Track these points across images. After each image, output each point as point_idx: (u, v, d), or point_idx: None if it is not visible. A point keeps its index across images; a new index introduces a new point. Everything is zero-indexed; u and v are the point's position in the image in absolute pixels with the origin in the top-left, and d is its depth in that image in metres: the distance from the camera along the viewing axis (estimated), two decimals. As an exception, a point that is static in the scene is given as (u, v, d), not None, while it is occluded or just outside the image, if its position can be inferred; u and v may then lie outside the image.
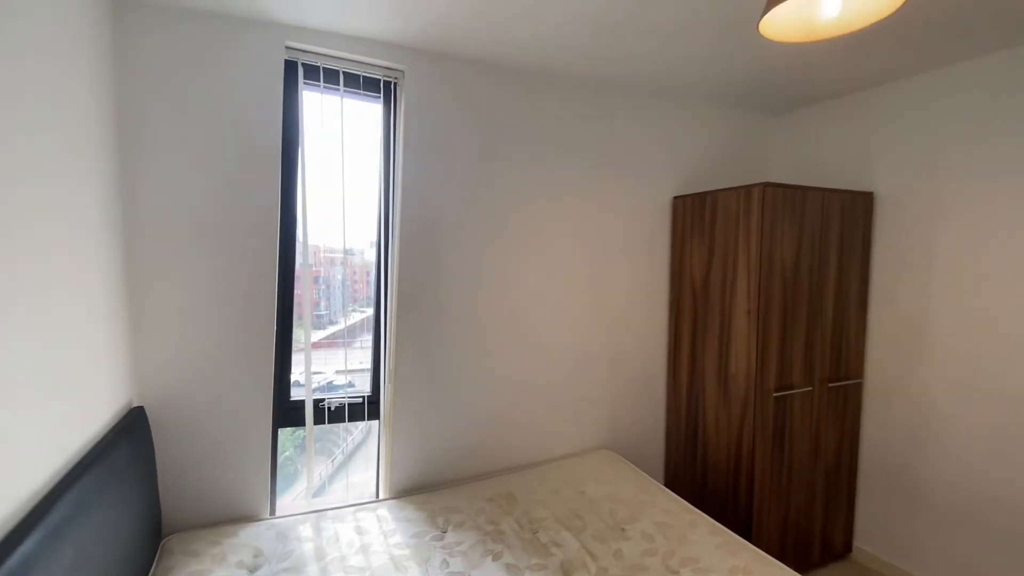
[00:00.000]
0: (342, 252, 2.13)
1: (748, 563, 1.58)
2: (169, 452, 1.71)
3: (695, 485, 2.49)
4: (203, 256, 1.72)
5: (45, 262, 1.13)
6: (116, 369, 1.52)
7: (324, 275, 2.22)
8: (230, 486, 1.82)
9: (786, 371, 2.22)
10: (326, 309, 2.26)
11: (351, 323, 2.18)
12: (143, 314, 1.66)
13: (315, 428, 2.04)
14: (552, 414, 2.39)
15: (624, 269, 2.52)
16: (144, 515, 1.52)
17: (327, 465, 2.33)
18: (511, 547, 1.69)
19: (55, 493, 1.06)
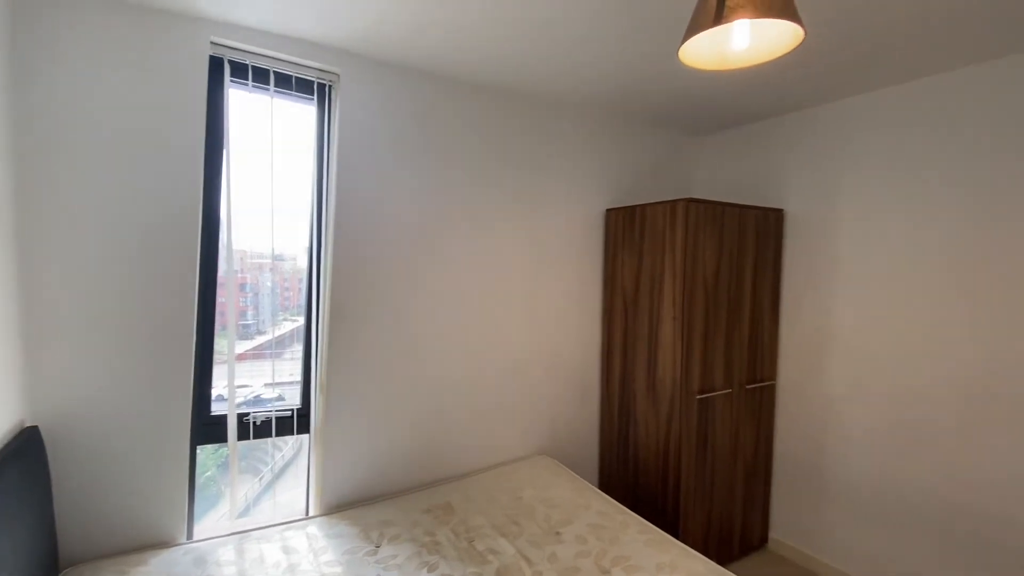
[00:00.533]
0: (271, 258, 2.05)
1: (674, 559, 1.66)
2: (68, 476, 1.55)
3: (627, 486, 2.58)
4: (113, 261, 1.59)
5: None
6: (4, 385, 1.37)
7: (252, 282, 2.12)
8: (141, 510, 1.68)
9: (708, 374, 2.37)
10: (254, 318, 2.16)
11: (281, 333, 2.10)
12: (40, 324, 1.50)
13: (240, 444, 1.93)
14: (490, 422, 2.41)
15: (560, 278, 2.59)
16: (36, 547, 1.36)
17: (254, 484, 2.21)
18: (447, 557, 1.68)
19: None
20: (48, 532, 1.46)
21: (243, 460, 2.17)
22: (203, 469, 2.06)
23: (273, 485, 2.21)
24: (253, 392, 2.10)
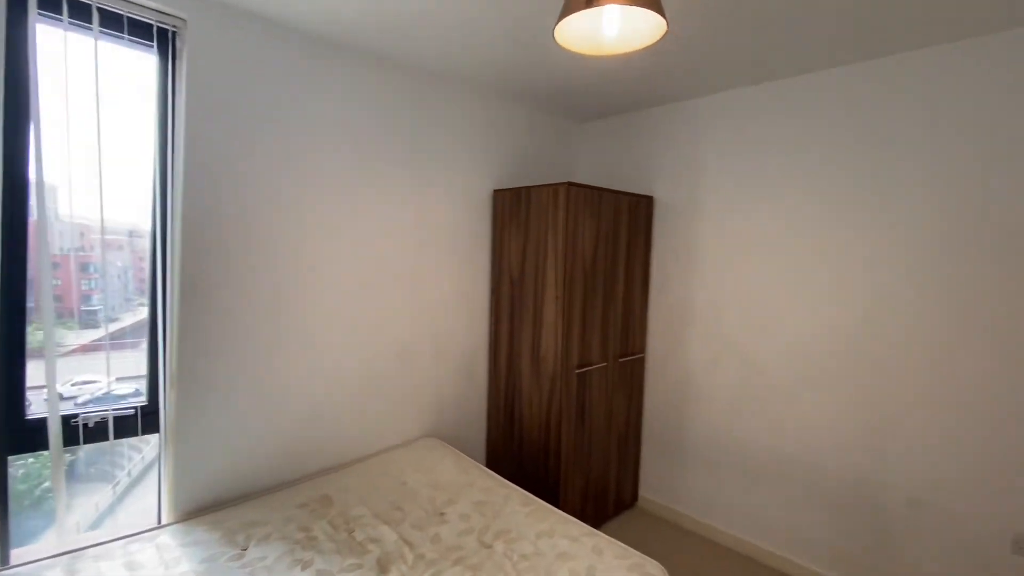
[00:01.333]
0: (127, 234, 1.75)
1: (552, 526, 1.75)
2: None
3: (513, 462, 2.67)
4: None
5: None
6: None
7: (98, 261, 1.80)
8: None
9: (586, 350, 2.51)
10: (101, 303, 1.84)
11: (138, 320, 1.81)
12: None
13: (88, 448, 1.65)
14: (373, 407, 2.32)
15: (447, 258, 2.56)
16: None
17: (107, 493, 1.90)
18: (323, 552, 1.59)
19: None
20: None
21: (92, 466, 1.86)
22: (35, 481, 1.74)
23: (131, 493, 1.92)
24: (101, 388, 1.80)
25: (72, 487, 1.87)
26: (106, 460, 1.92)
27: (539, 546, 1.64)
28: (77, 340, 1.78)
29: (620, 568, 1.53)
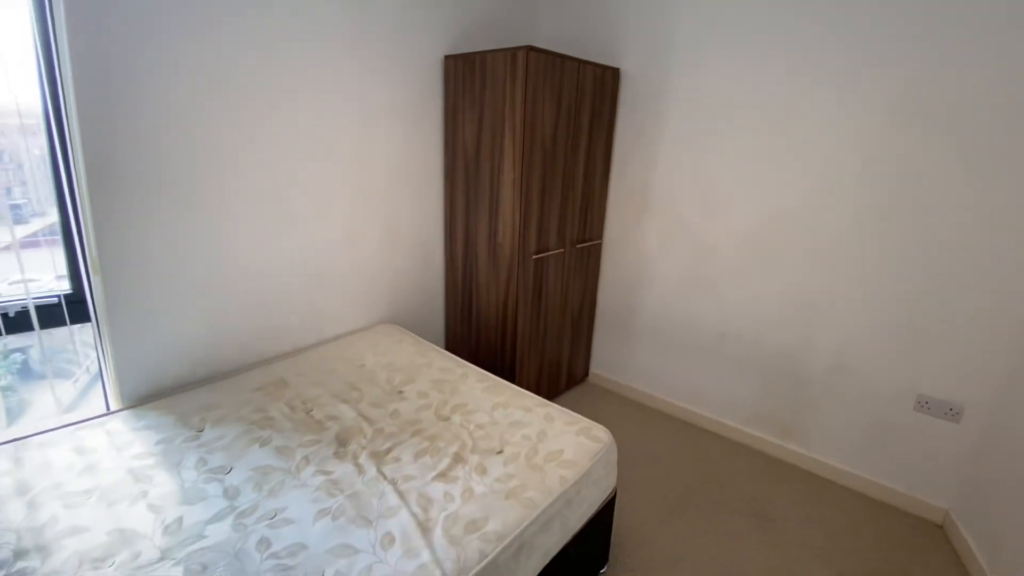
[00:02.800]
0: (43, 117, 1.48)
1: (508, 399, 1.83)
2: None
3: (471, 345, 2.73)
4: None
5: None
6: None
7: (10, 149, 1.55)
8: None
9: (544, 236, 2.47)
10: (24, 196, 1.63)
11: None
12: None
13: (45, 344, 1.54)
14: (325, 294, 2.26)
15: (394, 138, 2.35)
16: None
17: (68, 388, 1.83)
18: (282, 430, 1.62)
19: None
20: None
21: (46, 364, 1.76)
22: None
23: (93, 389, 1.86)
24: (42, 287, 1.65)
25: (29, 385, 1.80)
26: (61, 358, 1.83)
27: (494, 416, 1.73)
28: (7, 237, 1.58)
29: (569, 432, 1.64)
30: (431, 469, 1.46)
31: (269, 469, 1.44)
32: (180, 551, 1.16)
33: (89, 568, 1.10)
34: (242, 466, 1.45)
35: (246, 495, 1.34)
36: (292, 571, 1.11)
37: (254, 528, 1.23)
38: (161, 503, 1.30)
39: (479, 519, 1.28)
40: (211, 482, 1.38)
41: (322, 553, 1.16)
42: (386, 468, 1.47)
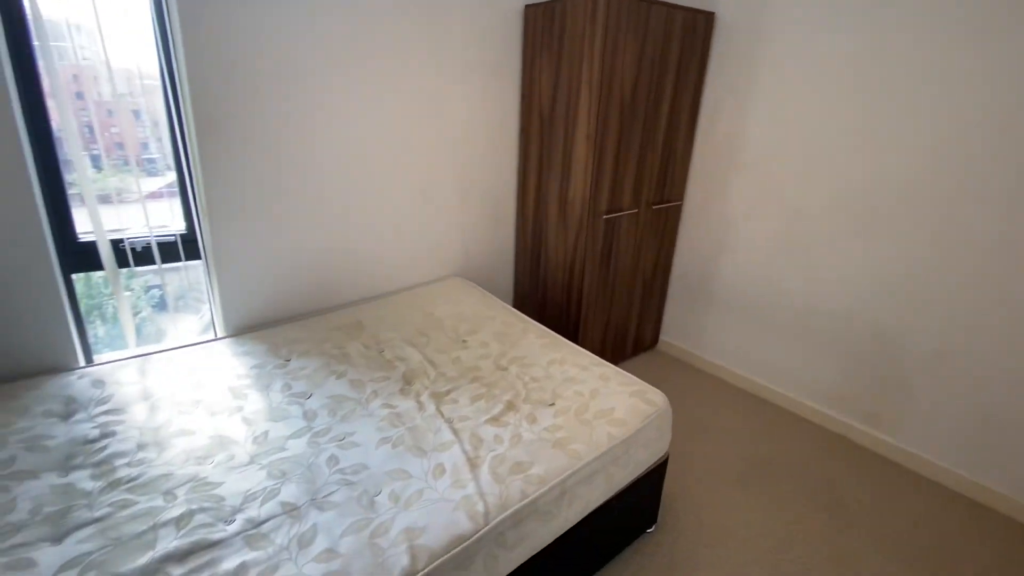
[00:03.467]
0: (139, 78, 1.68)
1: (565, 355, 1.85)
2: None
3: (537, 303, 2.76)
4: None
5: None
6: None
7: (149, 108, 1.78)
8: (21, 339, 1.59)
9: (617, 196, 2.39)
10: (159, 151, 1.87)
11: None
12: None
13: (178, 280, 1.82)
14: (402, 246, 2.38)
15: (472, 92, 2.36)
16: None
17: (195, 320, 2.14)
18: (356, 365, 1.78)
19: None
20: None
21: (180, 299, 2.06)
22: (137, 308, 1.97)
23: (182, 312, 2.15)
24: (170, 231, 1.91)
25: (161, 317, 2.10)
26: (192, 295, 2.11)
27: (550, 371, 1.76)
28: (145, 188, 1.84)
29: (623, 393, 1.63)
30: (485, 413, 1.54)
31: (343, 398, 1.60)
32: (265, 458, 1.34)
33: (193, 464, 1.31)
34: (320, 394, 1.62)
35: (321, 418, 1.50)
36: (354, 486, 1.24)
37: (326, 447, 1.38)
38: (252, 417, 1.49)
39: (524, 462, 1.33)
40: (293, 404, 1.56)
41: (381, 474, 1.28)
42: (444, 408, 1.56)
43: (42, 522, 1.11)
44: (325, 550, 1.07)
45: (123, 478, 1.25)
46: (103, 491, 1.20)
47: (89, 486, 1.22)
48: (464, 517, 1.16)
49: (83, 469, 1.27)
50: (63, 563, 1.01)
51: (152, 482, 1.24)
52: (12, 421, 1.38)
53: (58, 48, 1.56)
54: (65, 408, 1.47)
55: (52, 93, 1.55)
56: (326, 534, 1.11)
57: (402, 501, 1.20)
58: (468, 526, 1.14)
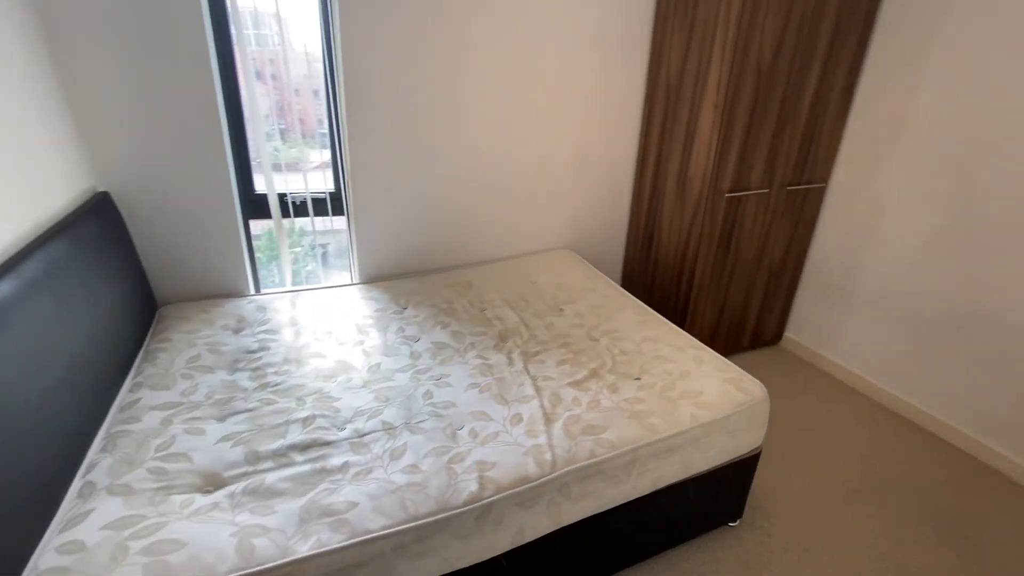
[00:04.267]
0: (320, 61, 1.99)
1: (660, 334, 1.82)
2: (145, 235, 1.87)
3: (646, 283, 2.70)
4: (125, 35, 1.63)
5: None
6: (69, 157, 1.59)
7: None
8: (211, 268, 2.02)
9: (744, 173, 2.22)
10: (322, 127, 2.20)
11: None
12: (81, 100, 1.64)
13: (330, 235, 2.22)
14: (514, 214, 2.49)
15: (597, 59, 2.34)
16: (133, 289, 1.74)
17: (346, 274, 2.52)
18: (459, 319, 1.95)
19: (21, 255, 1.21)
20: (140, 278, 1.84)
21: (339, 258, 2.44)
22: (275, 243, 2.39)
23: (330, 260, 2.52)
24: (322, 190, 2.25)
25: (326, 270, 2.49)
26: (346, 254, 2.47)
27: (641, 347, 1.75)
28: (320, 158, 2.23)
29: (716, 378, 1.56)
30: (568, 376, 1.59)
31: (444, 345, 1.77)
32: (375, 385, 1.55)
33: (321, 380, 1.57)
34: (426, 339, 1.81)
35: (424, 359, 1.69)
36: (441, 419, 1.40)
37: (424, 383, 1.56)
38: (370, 351, 1.73)
39: (598, 426, 1.37)
40: (404, 345, 1.77)
41: (465, 413, 1.42)
42: (531, 366, 1.65)
43: (212, 405, 1.44)
44: (410, 464, 1.24)
45: (270, 383, 1.55)
46: (255, 390, 1.51)
47: (246, 384, 1.54)
48: (531, 462, 1.24)
49: (244, 371, 1.60)
50: (222, 436, 1.31)
51: (289, 389, 1.52)
52: (200, 329, 1.78)
53: (250, 35, 1.90)
54: (237, 324, 1.85)
55: (244, 74, 1.91)
56: (413, 452, 1.28)
57: (479, 438, 1.33)
58: (534, 470, 1.23)
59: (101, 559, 0.97)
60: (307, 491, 1.17)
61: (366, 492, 1.15)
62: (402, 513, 1.11)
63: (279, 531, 1.06)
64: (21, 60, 1.40)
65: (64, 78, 1.60)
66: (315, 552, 1.03)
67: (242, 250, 2.05)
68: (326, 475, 1.21)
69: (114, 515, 1.06)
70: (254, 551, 1.01)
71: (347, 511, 1.11)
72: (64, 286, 1.31)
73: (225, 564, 0.99)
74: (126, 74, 1.67)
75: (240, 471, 1.22)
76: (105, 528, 1.03)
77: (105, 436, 1.30)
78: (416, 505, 1.13)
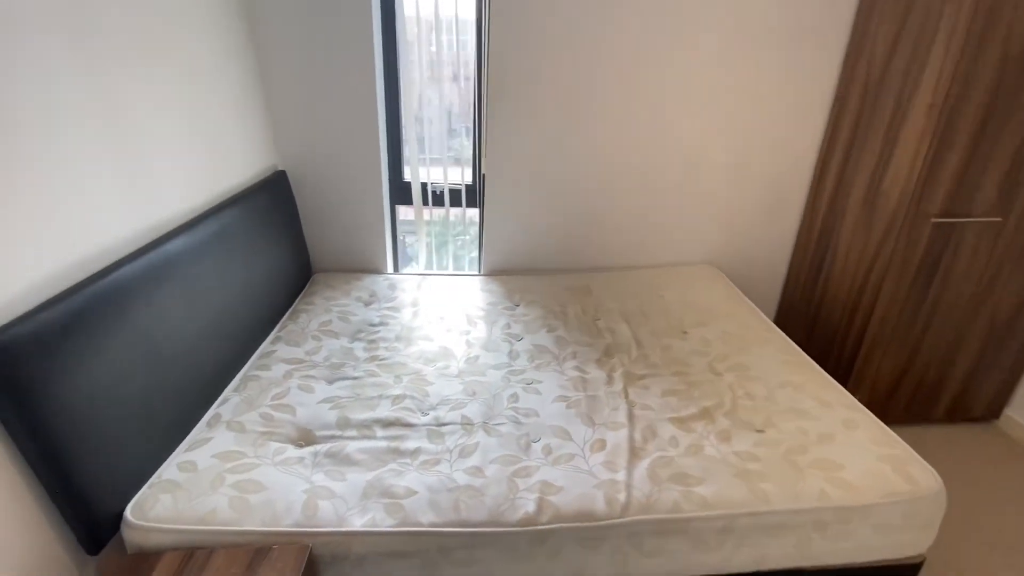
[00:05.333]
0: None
1: (805, 381, 1.48)
2: (309, 210, 2.14)
3: (807, 319, 2.26)
4: (312, 38, 1.87)
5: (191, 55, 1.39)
6: (261, 139, 1.89)
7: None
8: (360, 245, 2.24)
9: (965, 193, 1.70)
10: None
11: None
12: (273, 92, 1.94)
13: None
14: (650, 221, 2.28)
15: (778, 55, 2.00)
16: (293, 255, 2.01)
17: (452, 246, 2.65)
18: (568, 325, 1.85)
19: (203, 216, 1.47)
20: (301, 247, 2.12)
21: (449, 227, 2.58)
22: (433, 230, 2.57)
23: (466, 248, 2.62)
24: (459, 183, 2.36)
25: (443, 247, 2.64)
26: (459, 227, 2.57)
27: (775, 394, 1.45)
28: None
29: (868, 452, 1.21)
30: (672, 410, 1.39)
31: (544, 350, 1.70)
32: (468, 377, 1.55)
33: (422, 363, 1.62)
34: (528, 340, 1.76)
35: (521, 361, 1.64)
36: (520, 426, 1.33)
37: (514, 385, 1.51)
38: (473, 342, 1.74)
39: (693, 476, 1.16)
40: (505, 342, 1.75)
41: (546, 426, 1.33)
42: (632, 389, 1.49)
43: (327, 367, 1.58)
44: (475, 467, 1.20)
45: (379, 356, 1.65)
46: (365, 360, 1.63)
47: (360, 354, 1.66)
48: (601, 498, 1.11)
49: (361, 342, 1.74)
50: (325, 398, 1.43)
51: (393, 365, 1.60)
52: (339, 297, 1.99)
53: (410, 40, 2.05)
54: (369, 298, 2.03)
55: (404, 76, 2.06)
56: (482, 454, 1.23)
57: (552, 456, 1.23)
58: (601, 508, 1.09)
59: (204, 482, 1.12)
60: (377, 467, 1.20)
61: (426, 483, 1.15)
62: (453, 514, 1.08)
63: (342, 499, 1.11)
64: (238, 68, 1.70)
65: (265, 81, 1.91)
66: (366, 529, 1.05)
67: (386, 231, 2.23)
68: (398, 456, 1.24)
69: (225, 447, 1.23)
70: (316, 512, 1.07)
71: (405, 497, 1.12)
72: (233, 246, 1.56)
73: (290, 517, 1.06)
74: (307, 75, 1.93)
75: (329, 433, 1.32)
76: (215, 457, 1.19)
77: (241, 377, 1.52)
78: (469, 510, 1.09)
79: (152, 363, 1.19)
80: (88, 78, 1.13)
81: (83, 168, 1.12)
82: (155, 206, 1.35)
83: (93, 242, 1.14)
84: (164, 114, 1.38)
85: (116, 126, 1.21)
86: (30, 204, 0.98)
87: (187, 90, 1.48)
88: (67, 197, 1.07)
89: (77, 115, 1.10)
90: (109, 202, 1.19)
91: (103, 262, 1.15)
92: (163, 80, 1.37)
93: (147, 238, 1.30)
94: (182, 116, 1.46)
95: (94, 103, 1.15)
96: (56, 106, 1.05)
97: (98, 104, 1.16)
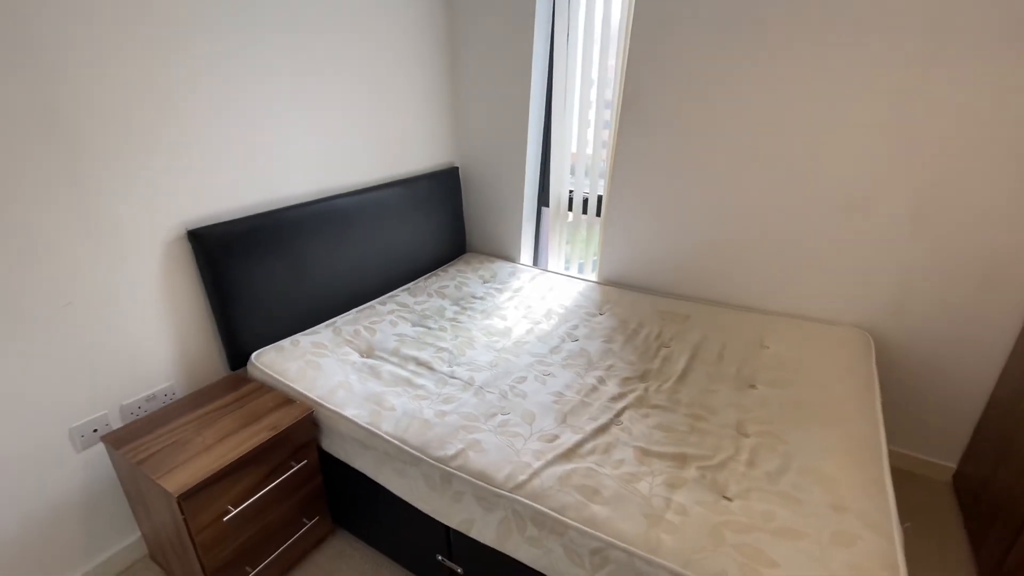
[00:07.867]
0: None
1: (843, 479, 1.18)
2: (470, 201, 2.66)
3: (997, 448, 1.59)
4: (491, 71, 2.34)
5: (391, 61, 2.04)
6: (443, 139, 2.48)
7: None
8: (503, 236, 2.64)
9: None
10: None
11: None
12: (460, 106, 2.49)
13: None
14: (795, 266, 1.96)
15: (973, 70, 1.49)
16: (451, 234, 2.56)
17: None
18: (628, 342, 1.84)
19: (374, 188, 2.10)
20: (460, 228, 2.65)
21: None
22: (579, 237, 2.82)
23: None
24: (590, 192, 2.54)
25: (587, 250, 2.79)
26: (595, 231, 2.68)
27: (785, 475, 1.21)
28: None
29: (824, 569, 0.95)
30: (647, 442, 1.33)
31: (585, 355, 1.77)
32: (505, 353, 1.78)
33: (481, 332, 1.91)
34: (580, 344, 1.85)
35: (557, 356, 1.76)
36: (504, 400, 1.50)
37: (532, 371, 1.66)
38: (534, 330, 1.94)
39: (600, 495, 1.15)
40: (560, 340, 1.88)
41: (523, 407, 1.47)
42: (630, 412, 1.46)
43: (419, 315, 2.04)
44: (442, 411, 1.45)
45: (458, 319, 2.02)
46: (447, 319, 2.02)
47: (447, 314, 2.07)
48: (507, 471, 1.22)
49: (457, 306, 2.14)
50: (399, 333, 1.89)
51: (460, 328, 1.95)
52: (467, 272, 2.44)
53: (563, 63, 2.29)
54: (488, 277, 2.42)
55: (557, 96, 2.33)
56: (456, 406, 1.47)
57: (502, 428, 1.37)
58: (500, 478, 1.20)
59: (295, 354, 1.70)
60: (391, 385, 1.58)
61: (406, 408, 1.46)
62: (402, 433, 1.37)
63: (355, 394, 1.53)
64: (439, 82, 2.32)
65: (456, 94, 2.48)
66: (349, 416, 1.44)
67: (522, 227, 2.57)
68: (407, 385, 1.59)
69: (320, 340, 1.80)
70: (334, 394, 1.52)
71: (386, 410, 1.46)
72: (397, 215, 2.19)
73: (319, 391, 1.54)
74: (485, 95, 2.41)
75: (384, 355, 1.76)
76: (311, 343, 1.77)
77: (366, 305, 2.10)
78: (413, 435, 1.36)
79: (298, 277, 1.84)
80: (296, 78, 1.82)
81: (289, 138, 1.80)
82: (340, 175, 2.02)
83: (289, 190, 1.84)
84: (360, 108, 2.03)
85: (316, 111, 1.88)
86: (255, 163, 1.70)
87: (385, 90, 2.13)
88: (278, 157, 1.78)
89: (289, 104, 1.79)
90: (305, 165, 1.88)
91: (289, 203, 1.84)
92: (367, 80, 2.03)
93: (326, 195, 1.98)
94: (375, 111, 2.10)
95: (304, 94, 1.83)
96: (276, 97, 1.74)
97: (307, 95, 1.83)
